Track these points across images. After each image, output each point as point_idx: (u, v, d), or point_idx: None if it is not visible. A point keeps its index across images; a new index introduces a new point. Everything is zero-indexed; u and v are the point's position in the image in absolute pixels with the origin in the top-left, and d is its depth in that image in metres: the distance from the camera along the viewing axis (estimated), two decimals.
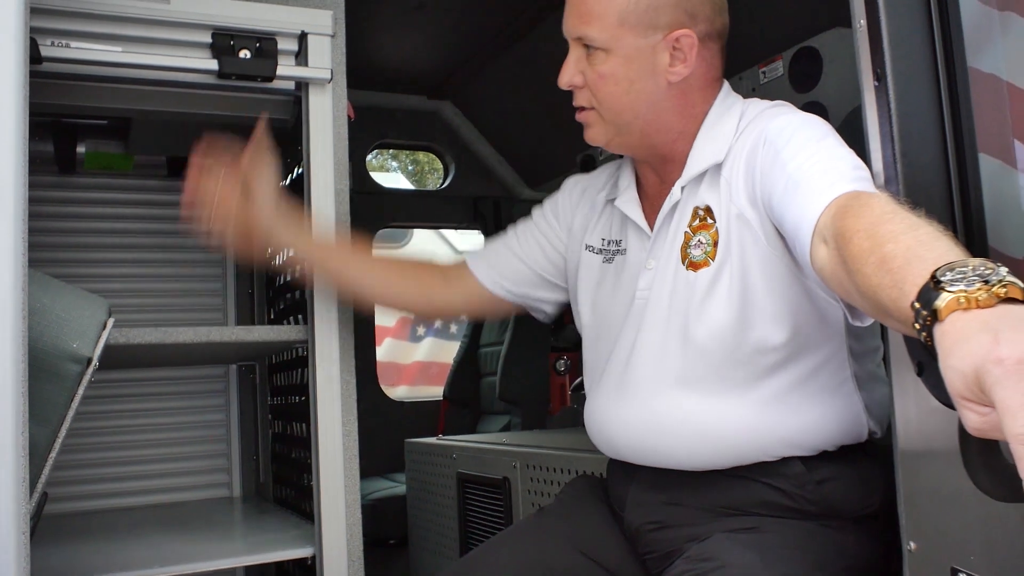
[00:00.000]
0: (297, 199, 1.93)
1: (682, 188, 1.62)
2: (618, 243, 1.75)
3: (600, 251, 1.78)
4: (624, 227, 1.74)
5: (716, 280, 1.53)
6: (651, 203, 1.70)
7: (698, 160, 1.61)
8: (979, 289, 0.84)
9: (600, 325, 1.76)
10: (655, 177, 1.70)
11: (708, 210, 1.57)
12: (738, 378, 1.54)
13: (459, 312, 2.00)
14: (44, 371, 1.08)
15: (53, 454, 1.11)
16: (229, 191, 1.82)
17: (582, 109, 1.66)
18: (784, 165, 1.40)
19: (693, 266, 1.57)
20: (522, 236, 1.91)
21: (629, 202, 1.72)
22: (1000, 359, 0.76)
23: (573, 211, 1.87)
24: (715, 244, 1.54)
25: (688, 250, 1.58)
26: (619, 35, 1.57)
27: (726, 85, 1.69)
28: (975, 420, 0.80)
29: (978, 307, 0.83)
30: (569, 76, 1.63)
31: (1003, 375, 0.75)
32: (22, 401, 0.88)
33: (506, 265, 1.90)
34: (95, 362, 1.17)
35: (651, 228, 1.67)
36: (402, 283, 1.92)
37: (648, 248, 1.66)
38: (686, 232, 1.59)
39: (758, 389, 1.53)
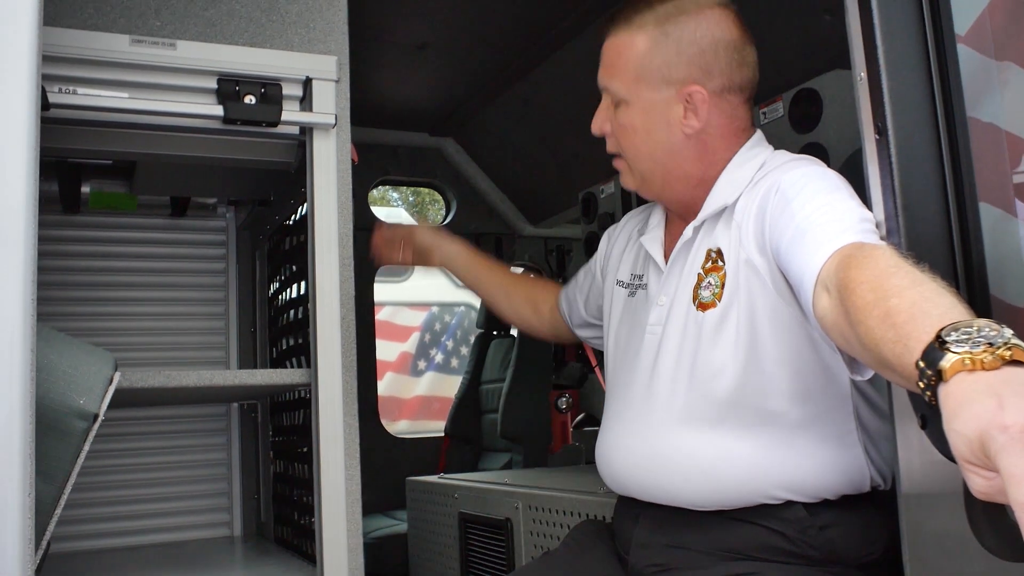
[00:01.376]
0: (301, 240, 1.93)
1: (694, 229, 1.66)
2: (640, 277, 1.81)
3: (627, 285, 1.84)
4: (647, 263, 1.79)
5: (723, 322, 1.55)
6: (674, 242, 1.74)
7: (712, 203, 1.65)
8: (984, 351, 0.84)
9: (616, 358, 1.80)
10: (680, 221, 1.74)
11: (719, 252, 1.60)
12: (741, 419, 1.55)
13: (550, 337, 2.27)
14: (51, 428, 1.07)
15: (58, 510, 1.10)
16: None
17: (614, 156, 1.75)
18: (793, 215, 1.42)
19: (703, 307, 1.60)
20: (582, 275, 2.09)
21: (653, 240, 1.78)
22: (1005, 426, 0.76)
23: (615, 249, 1.96)
24: (722, 286, 1.56)
25: (699, 291, 1.61)
26: (636, 89, 1.65)
27: (758, 134, 1.73)
28: (980, 484, 0.80)
29: (983, 369, 0.83)
30: (599, 124, 1.73)
31: (1008, 442, 0.76)
32: (29, 462, 0.88)
33: (576, 300, 2.10)
34: (101, 417, 1.17)
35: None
36: (512, 309, 2.23)
37: (661, 284, 1.70)
38: (699, 273, 1.62)
39: (761, 431, 1.54)
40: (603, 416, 1.80)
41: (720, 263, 1.59)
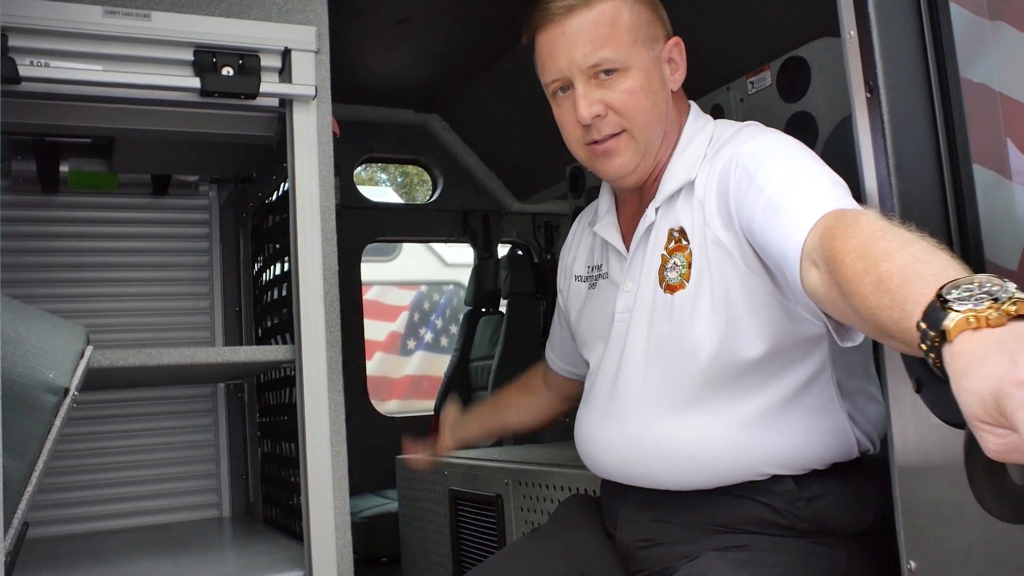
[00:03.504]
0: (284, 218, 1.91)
1: (656, 209, 1.62)
2: (599, 267, 1.77)
3: (586, 278, 1.81)
4: (605, 251, 1.76)
5: (696, 302, 1.52)
6: (630, 224, 1.70)
7: (670, 181, 1.61)
8: (989, 307, 0.81)
9: (586, 348, 1.77)
10: (637, 199, 1.70)
11: (682, 231, 1.57)
12: (721, 399, 1.52)
13: (571, 405, 2.08)
14: (19, 403, 1.04)
15: (30, 488, 1.07)
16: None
17: (607, 139, 1.60)
18: (761, 189, 1.38)
19: (670, 288, 1.56)
20: (558, 312, 1.98)
21: (608, 226, 1.73)
22: (1021, 382, 0.74)
23: (569, 256, 1.91)
24: (689, 266, 1.53)
25: (665, 272, 1.57)
26: (634, 51, 1.59)
27: (695, 106, 1.71)
28: (995, 443, 0.77)
29: (988, 326, 0.81)
30: (591, 105, 1.58)
31: None
32: None
33: (562, 347, 2.00)
34: (73, 392, 1.13)
35: (628, 250, 1.67)
36: (525, 412, 2.16)
37: (625, 270, 1.66)
38: (663, 255, 1.59)
39: (741, 409, 1.52)
40: (580, 402, 1.79)
41: (684, 242, 1.56)
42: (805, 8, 2.74)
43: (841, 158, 1.43)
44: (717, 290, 1.50)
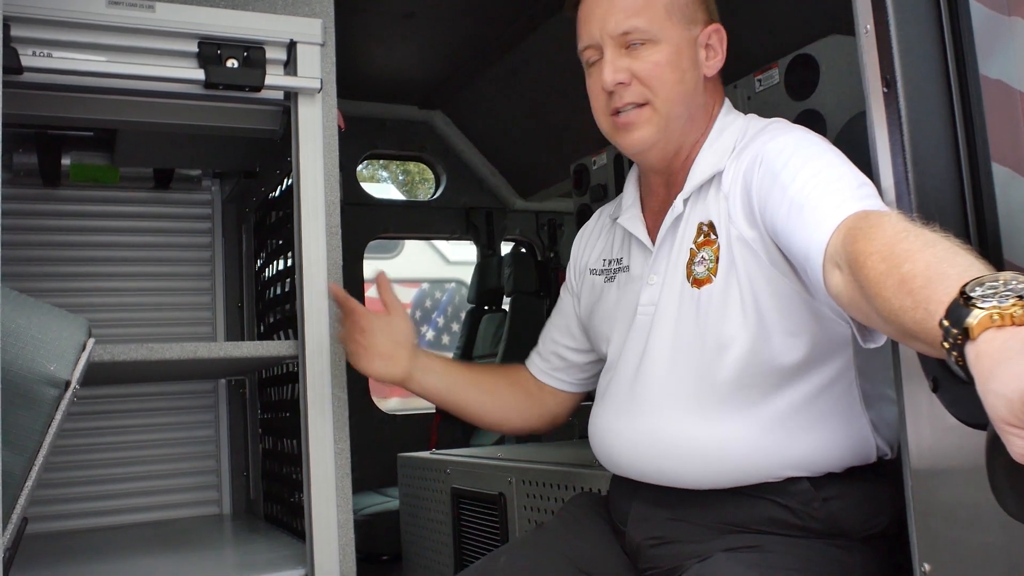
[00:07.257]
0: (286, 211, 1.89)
1: (684, 201, 1.61)
2: (619, 260, 1.76)
3: (601, 271, 1.80)
4: (627, 243, 1.74)
5: (725, 297, 1.51)
6: (656, 218, 1.69)
7: (698, 172, 1.60)
8: (1014, 304, 0.80)
9: (602, 341, 1.76)
10: (664, 190, 1.69)
11: (711, 226, 1.56)
12: (745, 398, 1.51)
13: (557, 422, 2.00)
14: (19, 396, 1.03)
15: (30, 483, 1.05)
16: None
17: (629, 112, 1.61)
18: (785, 188, 1.37)
19: (697, 283, 1.55)
20: (562, 311, 1.94)
21: (632, 219, 1.72)
22: None
23: (584, 250, 1.90)
24: (717, 260, 1.52)
25: (693, 267, 1.56)
26: (668, 26, 1.59)
27: (727, 101, 1.70)
28: (1022, 447, 0.75)
29: (1013, 324, 0.79)
30: (617, 72, 1.59)
31: None
32: None
33: (561, 356, 1.94)
34: (74, 385, 1.12)
35: (653, 243, 1.65)
36: (494, 409, 1.97)
37: (650, 263, 1.64)
38: (691, 249, 1.57)
39: (764, 410, 1.50)
40: (596, 396, 1.77)
41: (713, 236, 1.55)
42: (813, 5, 2.72)
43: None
44: (744, 287, 1.49)
